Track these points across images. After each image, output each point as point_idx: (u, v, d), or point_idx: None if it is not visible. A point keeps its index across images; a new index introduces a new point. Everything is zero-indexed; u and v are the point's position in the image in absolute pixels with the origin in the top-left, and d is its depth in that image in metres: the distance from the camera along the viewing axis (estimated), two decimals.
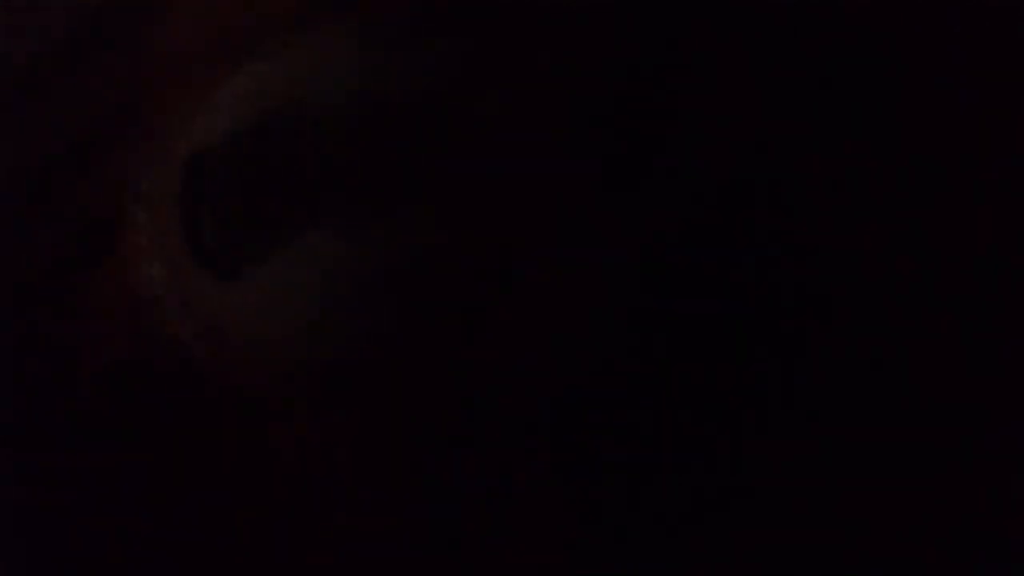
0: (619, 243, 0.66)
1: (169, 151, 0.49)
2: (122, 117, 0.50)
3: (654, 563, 0.73)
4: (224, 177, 0.47)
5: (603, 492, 0.73)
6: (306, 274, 0.52)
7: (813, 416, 0.75)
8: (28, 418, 0.63)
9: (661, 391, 0.72)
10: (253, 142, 0.46)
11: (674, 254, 0.72)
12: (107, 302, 0.56)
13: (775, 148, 0.75)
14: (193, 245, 0.49)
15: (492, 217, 0.53)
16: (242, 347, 0.53)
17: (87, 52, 0.48)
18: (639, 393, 0.72)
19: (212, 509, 0.66)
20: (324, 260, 0.52)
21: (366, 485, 0.56)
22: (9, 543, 0.63)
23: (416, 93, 0.47)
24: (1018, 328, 0.75)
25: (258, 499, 0.63)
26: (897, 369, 0.76)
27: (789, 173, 0.76)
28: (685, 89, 0.67)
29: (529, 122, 0.53)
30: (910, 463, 0.74)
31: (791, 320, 0.76)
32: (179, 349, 0.56)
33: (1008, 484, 0.74)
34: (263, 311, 0.52)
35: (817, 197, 0.76)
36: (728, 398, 0.75)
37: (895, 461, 0.75)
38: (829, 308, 0.76)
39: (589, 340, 0.67)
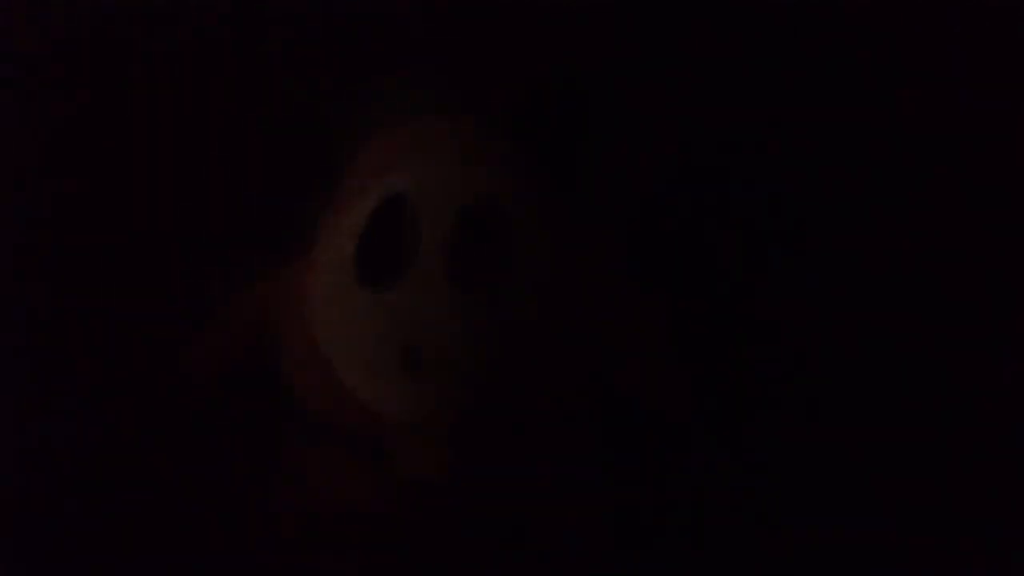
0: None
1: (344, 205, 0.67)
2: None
3: (655, 563, 0.73)
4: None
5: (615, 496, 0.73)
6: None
7: (810, 418, 0.76)
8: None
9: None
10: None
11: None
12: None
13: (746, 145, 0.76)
14: (357, 267, 0.65)
15: None
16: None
17: None
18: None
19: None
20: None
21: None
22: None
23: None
24: (1017, 328, 0.75)
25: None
26: (894, 370, 0.76)
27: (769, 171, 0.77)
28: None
29: None
30: (908, 463, 0.74)
31: (786, 321, 0.77)
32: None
33: (1008, 484, 0.74)
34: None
35: (805, 199, 0.77)
36: (726, 398, 0.76)
37: (893, 461, 0.75)
38: (825, 311, 0.76)
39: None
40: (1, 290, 0.76)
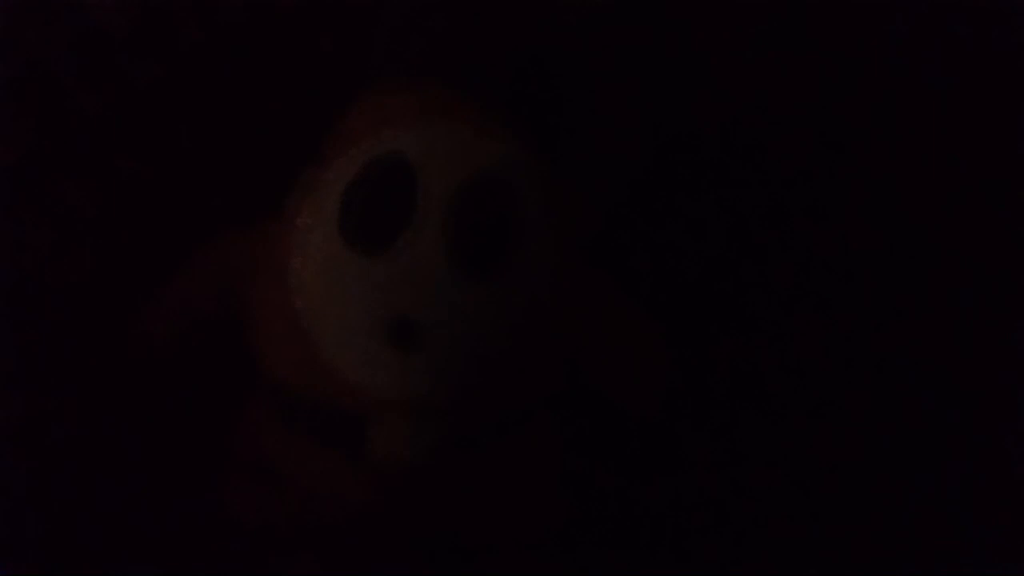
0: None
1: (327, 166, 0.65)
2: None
3: (652, 561, 0.73)
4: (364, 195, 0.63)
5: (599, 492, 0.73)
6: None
7: (810, 415, 0.76)
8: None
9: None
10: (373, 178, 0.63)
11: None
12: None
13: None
14: (344, 226, 0.62)
15: None
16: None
17: None
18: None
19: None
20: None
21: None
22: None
23: None
24: (1017, 328, 0.75)
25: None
26: (894, 369, 0.76)
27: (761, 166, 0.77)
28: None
29: None
30: (908, 462, 0.75)
31: (782, 320, 0.77)
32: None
33: (1008, 484, 0.74)
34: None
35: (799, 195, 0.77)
36: (723, 394, 0.76)
37: (891, 461, 0.75)
38: (823, 310, 0.76)
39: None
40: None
